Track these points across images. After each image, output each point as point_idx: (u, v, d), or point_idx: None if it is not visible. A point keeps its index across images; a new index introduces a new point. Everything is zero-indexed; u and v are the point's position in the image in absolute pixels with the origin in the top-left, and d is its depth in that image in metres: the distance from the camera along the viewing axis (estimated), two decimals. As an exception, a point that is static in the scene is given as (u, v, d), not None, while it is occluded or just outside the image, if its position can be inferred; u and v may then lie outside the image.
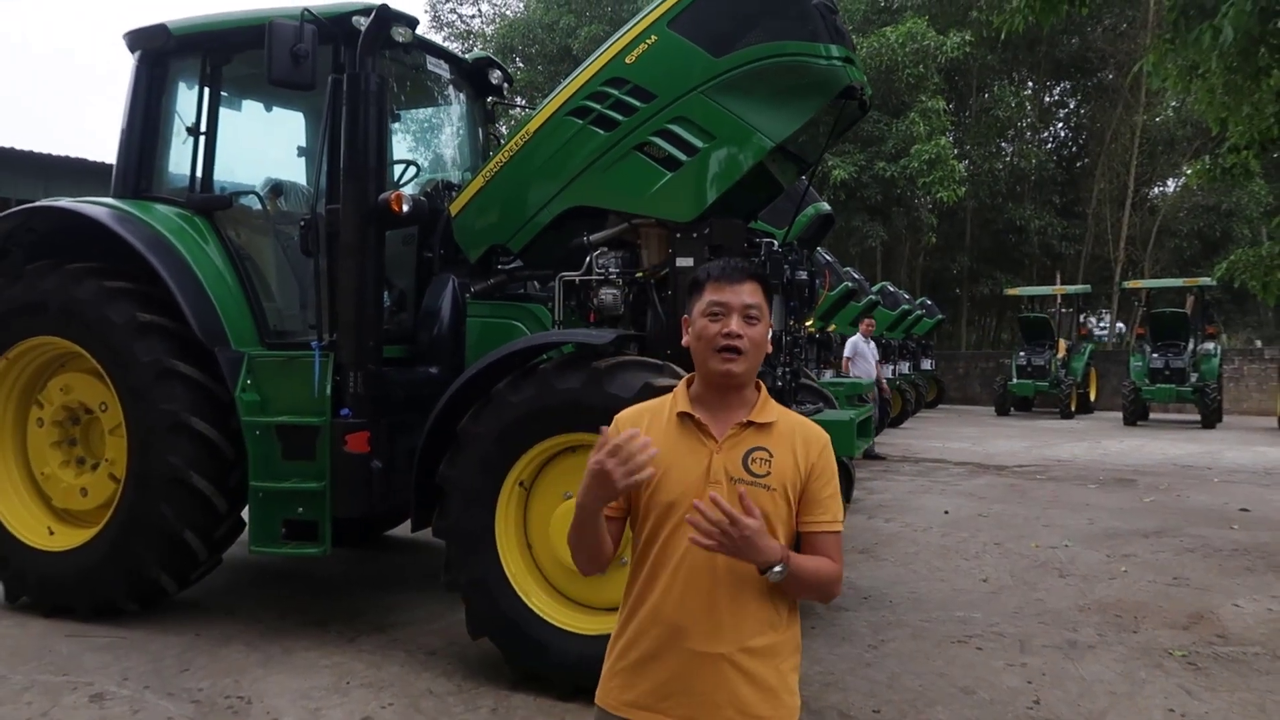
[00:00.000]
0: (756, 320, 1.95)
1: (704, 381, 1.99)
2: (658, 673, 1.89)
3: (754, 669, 1.87)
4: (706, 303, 1.95)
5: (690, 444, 1.94)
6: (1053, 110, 31.64)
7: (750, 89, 4.23)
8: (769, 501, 1.89)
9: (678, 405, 1.98)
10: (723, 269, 1.99)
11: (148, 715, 3.81)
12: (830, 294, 11.91)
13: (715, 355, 1.92)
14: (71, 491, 5.20)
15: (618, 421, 2.01)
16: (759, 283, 1.98)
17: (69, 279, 4.96)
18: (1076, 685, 4.26)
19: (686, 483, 1.89)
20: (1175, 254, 29.21)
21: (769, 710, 1.88)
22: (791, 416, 2.03)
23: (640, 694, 1.90)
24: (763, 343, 1.97)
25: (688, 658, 1.87)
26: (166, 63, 5.40)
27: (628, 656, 1.94)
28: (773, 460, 1.92)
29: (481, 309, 4.81)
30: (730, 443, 1.93)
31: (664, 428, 1.97)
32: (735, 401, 1.97)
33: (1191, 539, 7.57)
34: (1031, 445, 15.12)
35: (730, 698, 1.85)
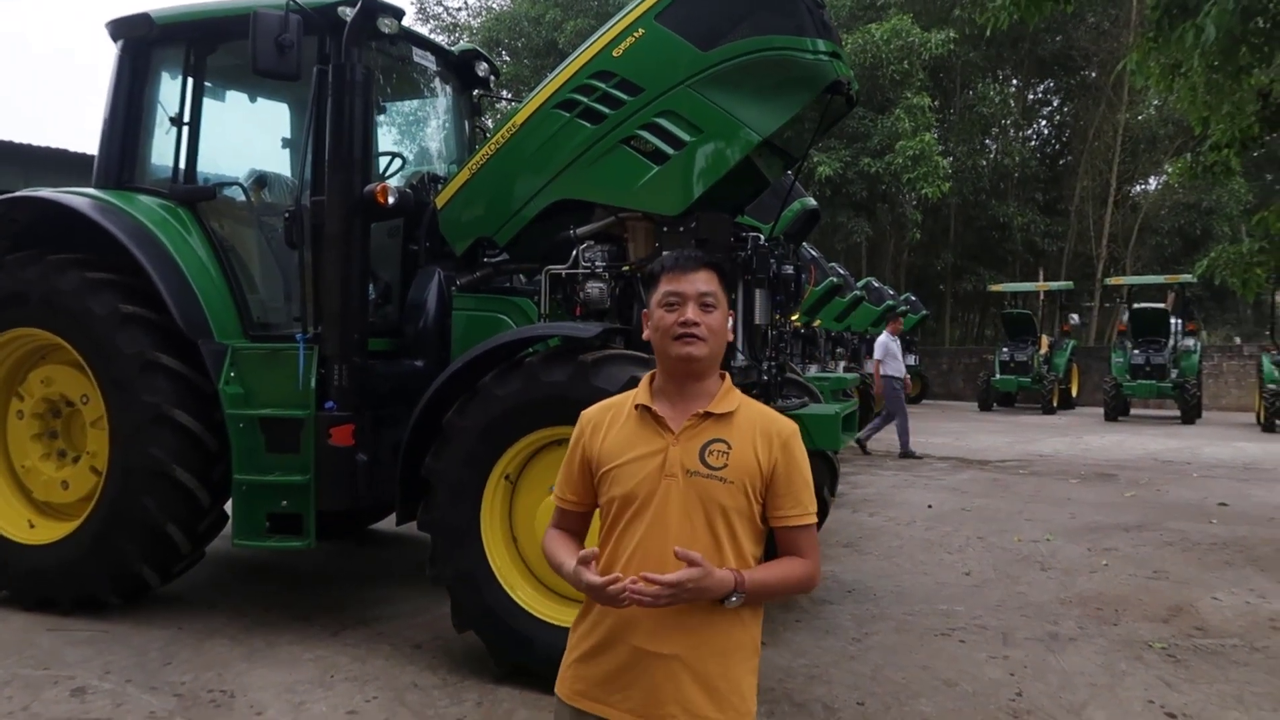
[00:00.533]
0: (713, 308, 1.94)
1: (665, 372, 1.99)
2: (607, 665, 1.89)
3: (703, 669, 1.85)
4: (663, 293, 1.95)
5: (647, 437, 1.93)
6: (1036, 108, 31.82)
7: (737, 83, 4.23)
8: (726, 495, 1.88)
9: (637, 398, 1.98)
10: (676, 259, 1.98)
11: (130, 709, 3.79)
12: (815, 289, 11.93)
13: (674, 342, 1.91)
14: (53, 484, 5.16)
15: (582, 419, 2.04)
16: (714, 271, 1.97)
17: (50, 270, 4.92)
18: (1058, 677, 4.30)
19: (641, 476, 1.89)
20: (1156, 251, 29.47)
21: (716, 713, 1.85)
22: (754, 407, 2.00)
23: (590, 685, 1.91)
24: (721, 330, 1.96)
25: (635, 653, 1.86)
26: (150, 52, 5.36)
27: (581, 647, 1.94)
28: (731, 452, 1.90)
29: (467, 302, 4.79)
30: (688, 435, 1.91)
31: (622, 421, 1.98)
32: (696, 393, 1.96)
33: (1171, 533, 7.65)
34: (1014, 440, 15.22)
35: (675, 695, 1.84)
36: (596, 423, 2.01)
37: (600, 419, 2.01)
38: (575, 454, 2.01)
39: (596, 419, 2.01)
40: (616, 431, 1.97)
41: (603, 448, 1.96)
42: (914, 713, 3.85)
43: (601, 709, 1.89)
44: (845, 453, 10.87)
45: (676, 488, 1.87)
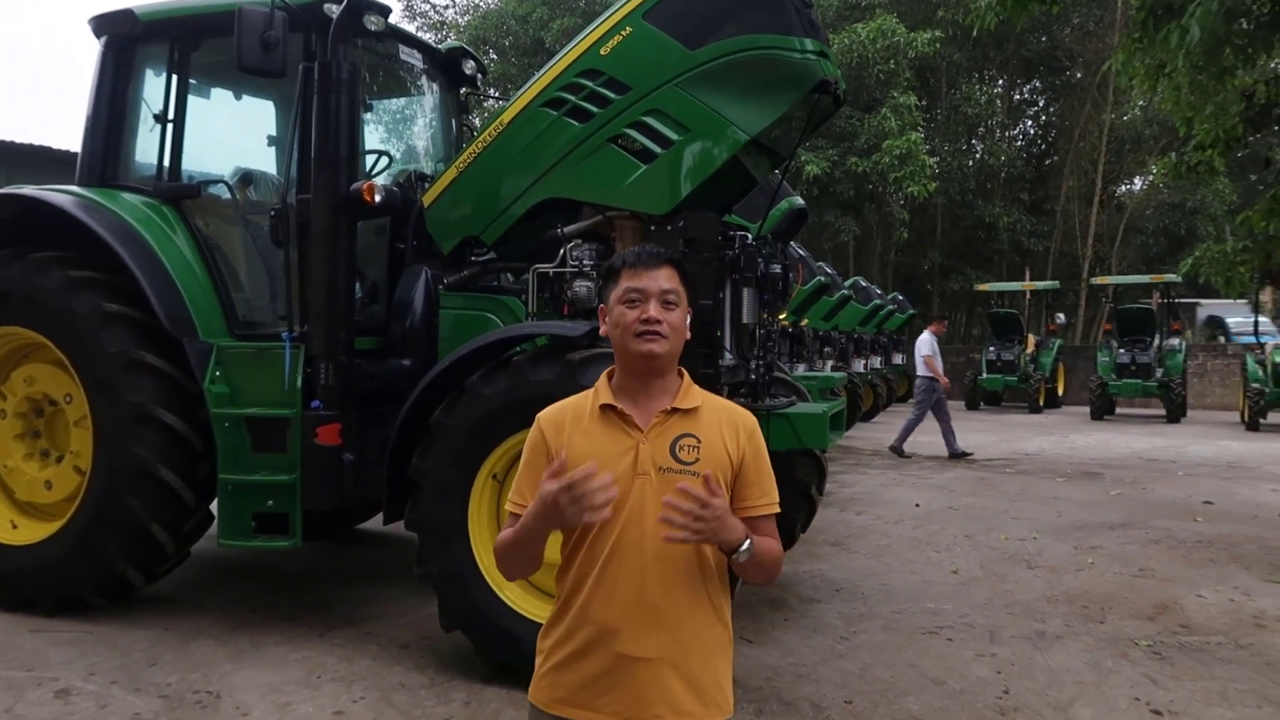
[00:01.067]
0: (674, 305, 1.92)
1: (625, 370, 1.95)
2: (588, 671, 1.86)
3: (687, 668, 1.85)
4: (623, 289, 1.92)
5: (615, 436, 1.90)
6: (1022, 108, 31.94)
7: (725, 82, 4.23)
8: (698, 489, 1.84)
9: (600, 398, 1.93)
10: (638, 255, 1.95)
11: (115, 710, 3.76)
12: (803, 288, 11.93)
13: (635, 339, 1.88)
14: (35, 484, 5.12)
15: (539, 420, 1.97)
16: (675, 268, 1.95)
17: (33, 268, 4.88)
18: (1045, 675, 4.32)
19: (614, 477, 1.82)
20: (1141, 250, 29.63)
21: (701, 708, 1.86)
22: (716, 400, 1.99)
23: (570, 691, 1.87)
24: (682, 327, 1.94)
25: (618, 658, 1.84)
26: (133, 49, 5.32)
27: (558, 654, 1.90)
28: (701, 447, 1.89)
29: (454, 301, 4.78)
30: (656, 431, 1.89)
31: (587, 423, 1.92)
32: (658, 390, 1.94)
33: (1157, 531, 7.69)
34: (1001, 439, 15.28)
35: (662, 695, 1.83)
36: (557, 424, 1.94)
37: (560, 420, 1.95)
38: (539, 457, 1.92)
39: (556, 420, 1.95)
40: (581, 433, 1.91)
41: (569, 449, 1.88)
42: (902, 711, 3.86)
43: (585, 715, 1.86)
44: (833, 452, 10.89)
45: (650, 485, 1.85)
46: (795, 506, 5.61)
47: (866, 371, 16.88)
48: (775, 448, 4.71)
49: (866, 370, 16.91)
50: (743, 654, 4.52)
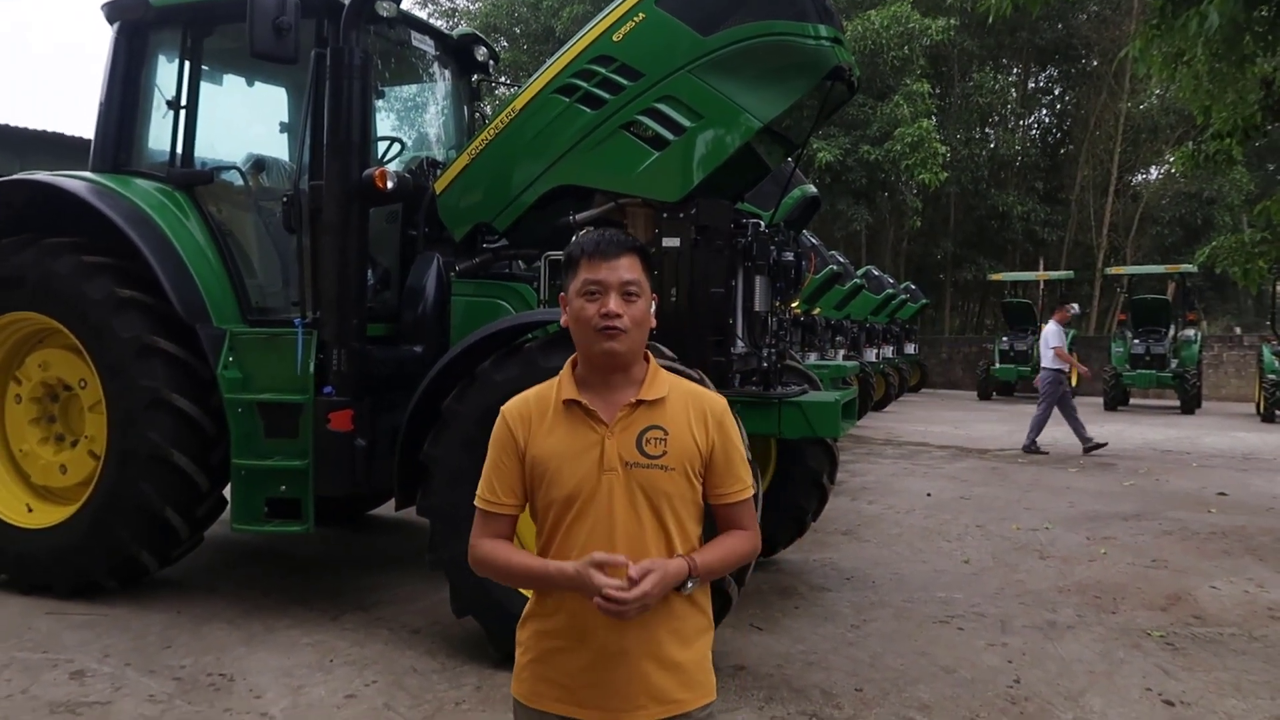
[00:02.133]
0: (636, 296, 1.83)
1: (587, 364, 1.88)
2: (569, 665, 1.84)
3: (666, 654, 1.83)
4: (582, 281, 1.83)
5: (580, 432, 1.84)
6: (1037, 96, 31.71)
7: (738, 68, 4.20)
8: (668, 482, 1.83)
9: (563, 392, 1.87)
10: (597, 243, 1.85)
11: (129, 692, 3.79)
12: (815, 277, 11.89)
13: (595, 335, 1.81)
14: (50, 468, 5.15)
15: (504, 413, 1.92)
16: (638, 255, 1.86)
17: (46, 254, 4.90)
18: (1056, 665, 4.31)
19: (581, 474, 1.82)
20: (1157, 241, 29.44)
21: (685, 693, 1.85)
22: (684, 386, 1.93)
23: (552, 685, 1.85)
24: (645, 320, 1.86)
25: (597, 653, 1.81)
26: (146, 35, 5.32)
27: (537, 648, 1.88)
28: (668, 439, 1.83)
29: (466, 288, 4.78)
30: (621, 425, 1.83)
31: (551, 418, 1.86)
32: (622, 381, 1.87)
33: (1170, 522, 7.66)
34: (1013, 429, 15.21)
35: (644, 687, 1.81)
36: (523, 417, 1.88)
37: (526, 413, 1.89)
38: (507, 451, 1.88)
39: (522, 413, 1.89)
40: (546, 428, 1.86)
41: (536, 446, 1.86)
42: (912, 699, 3.86)
43: (568, 709, 1.83)
44: (844, 441, 10.87)
45: (618, 481, 1.81)
46: (806, 495, 5.61)
47: (878, 361, 16.85)
48: (787, 436, 4.74)
49: (879, 359, 16.87)
50: (753, 641, 4.52)
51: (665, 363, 3.82)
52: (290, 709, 3.66)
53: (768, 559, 5.88)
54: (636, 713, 1.82)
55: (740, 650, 4.38)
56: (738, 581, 3.86)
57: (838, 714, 3.70)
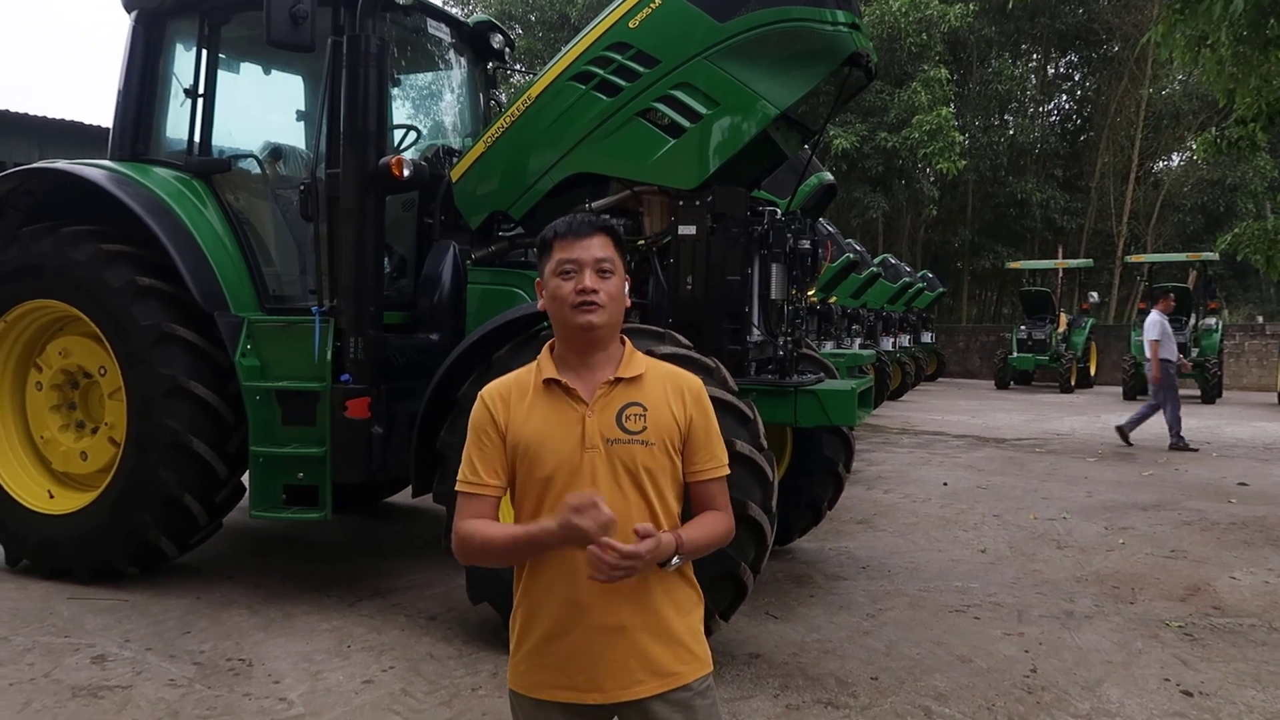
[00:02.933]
0: (610, 273, 1.88)
1: (566, 342, 1.92)
2: (565, 650, 1.84)
3: (662, 630, 1.86)
4: (556, 261, 1.88)
5: (561, 411, 1.87)
6: (1057, 83, 31.38)
7: (755, 55, 4.17)
8: (648, 457, 1.86)
9: (543, 373, 1.90)
10: (569, 225, 1.90)
11: (150, 677, 3.83)
12: (832, 265, 11.85)
13: (573, 311, 1.85)
14: (71, 455, 5.20)
15: (483, 396, 1.92)
16: (609, 235, 1.91)
17: (66, 242, 4.93)
18: (1073, 655, 4.29)
19: (563, 453, 1.84)
20: (1178, 228, 29.13)
21: (679, 665, 1.87)
22: (661, 367, 1.97)
23: (550, 673, 1.86)
24: (620, 295, 1.90)
25: (592, 632, 1.83)
26: (164, 24, 5.34)
27: (530, 636, 1.89)
28: (648, 415, 1.87)
29: (482, 276, 4.78)
30: (601, 403, 1.87)
31: (531, 399, 1.89)
32: (600, 361, 1.91)
33: (1189, 512, 7.60)
34: (1031, 419, 15.14)
35: (641, 661, 1.84)
36: (504, 399, 1.90)
37: (506, 395, 1.91)
38: (488, 432, 1.89)
39: (502, 395, 1.91)
40: (526, 409, 1.88)
41: (517, 427, 1.87)
42: (928, 688, 3.85)
43: (568, 695, 1.85)
44: (860, 430, 10.83)
45: (600, 458, 1.84)
46: (822, 484, 5.60)
47: (895, 349, 16.77)
48: (803, 424, 4.73)
49: (895, 348, 16.80)
50: (768, 630, 4.52)
51: (679, 350, 3.83)
52: (308, 694, 3.69)
53: (783, 547, 5.88)
54: (635, 688, 1.83)
55: (755, 638, 4.39)
56: (753, 569, 3.86)
57: (853, 702, 3.69)
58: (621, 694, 1.83)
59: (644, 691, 1.84)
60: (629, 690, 1.83)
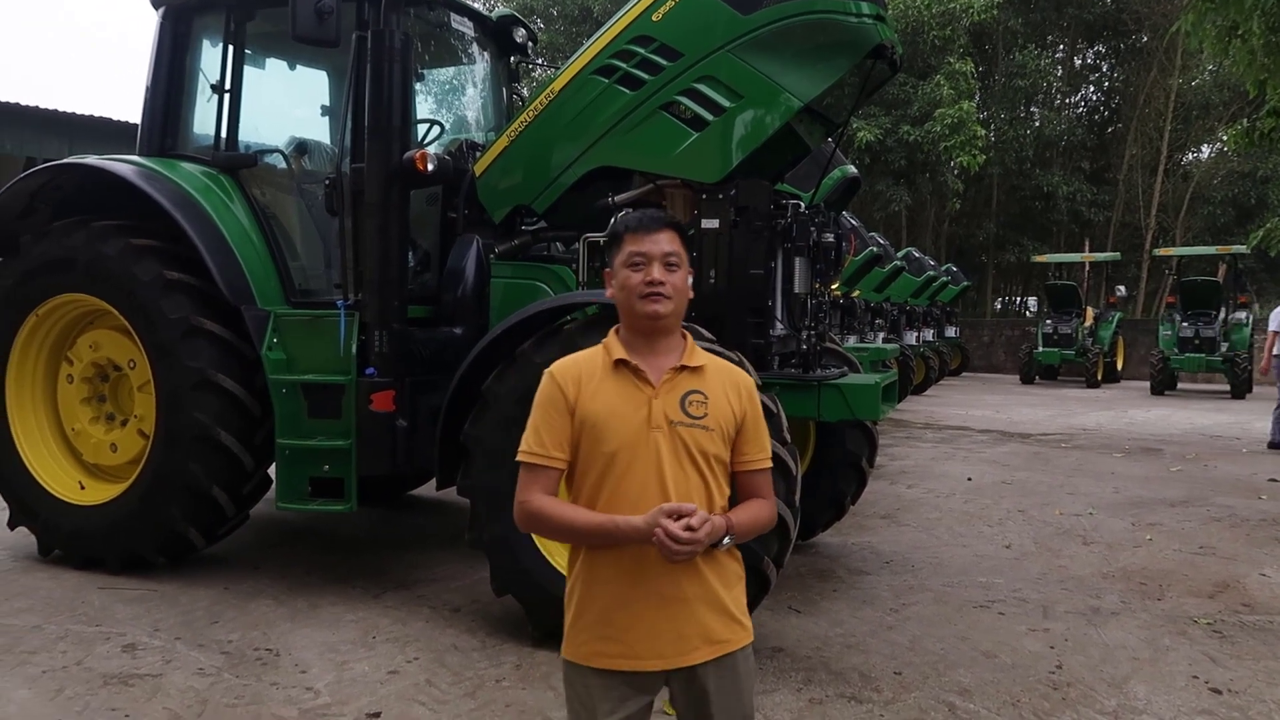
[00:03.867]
0: (676, 267, 2.01)
1: (632, 329, 2.04)
2: (625, 620, 1.95)
3: (715, 600, 1.98)
4: (627, 254, 2.01)
5: (628, 391, 1.99)
6: (1084, 74, 31.01)
7: (778, 47, 4.15)
8: (708, 441, 1.98)
9: (613, 353, 2.01)
10: (640, 220, 2.04)
11: (179, 665, 3.88)
12: (855, 259, 11.78)
13: (641, 300, 1.98)
14: (101, 447, 5.27)
15: (552, 373, 2.03)
16: (676, 231, 2.04)
17: (95, 236, 4.99)
18: (1099, 651, 4.25)
19: (629, 430, 1.95)
20: (1208, 221, 28.71)
21: (730, 634, 2.00)
22: (718, 361, 2.10)
23: (612, 643, 1.96)
24: (684, 288, 2.03)
25: (655, 602, 1.94)
26: (190, 19, 5.39)
27: (591, 609, 1.99)
28: (708, 402, 1.99)
29: (505, 270, 4.80)
30: (667, 387, 1.99)
31: (600, 377, 2.00)
32: (664, 348, 2.03)
33: (1218, 508, 7.51)
34: (1056, 414, 15.01)
35: (697, 629, 1.96)
36: (573, 378, 2.01)
37: (575, 374, 2.01)
38: (558, 410, 1.99)
39: (571, 374, 2.02)
40: (595, 387, 1.99)
41: (585, 403, 1.98)
42: (952, 683, 3.83)
43: (628, 663, 1.96)
44: (884, 424, 10.78)
45: (664, 438, 1.95)
46: (845, 478, 5.58)
47: (919, 344, 16.68)
48: (826, 418, 4.71)
49: (919, 342, 16.71)
50: (791, 624, 4.52)
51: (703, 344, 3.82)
52: (334, 684, 3.72)
53: (806, 542, 5.87)
54: (692, 654, 1.96)
55: (778, 632, 4.38)
56: (776, 564, 3.86)
57: (876, 697, 3.68)
58: (680, 660, 1.96)
59: (699, 657, 1.97)
60: (686, 656, 1.96)
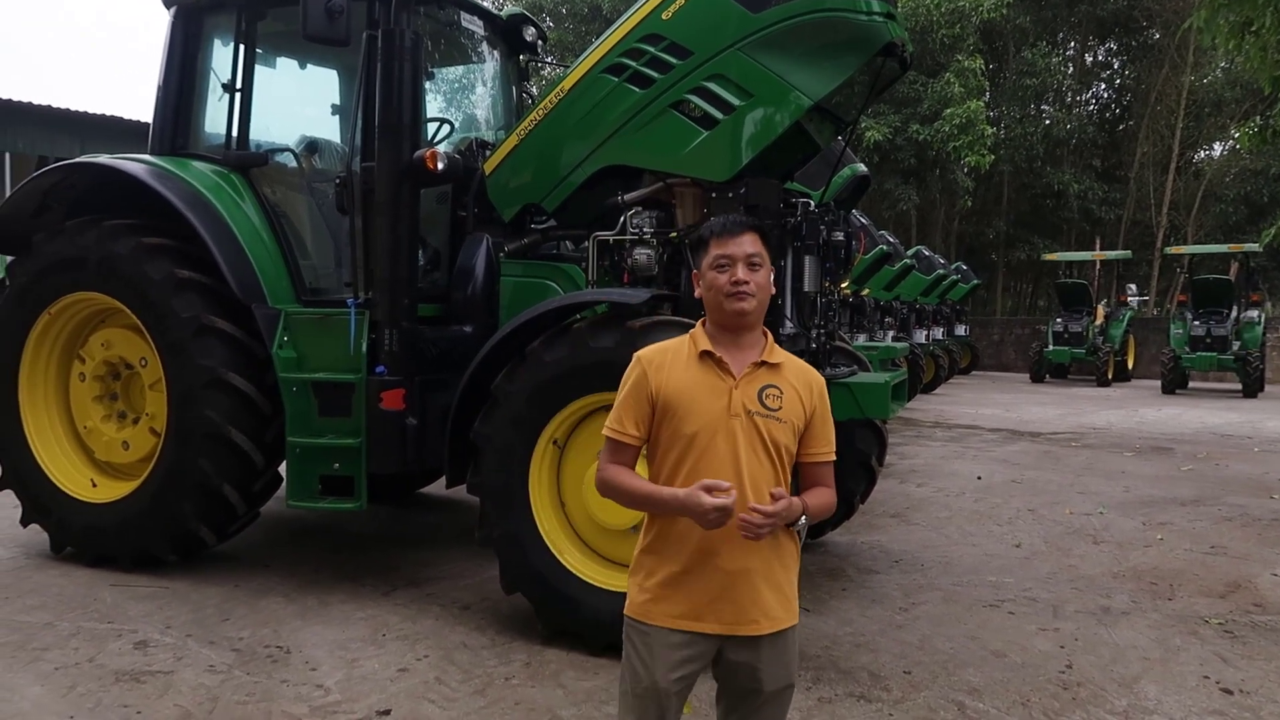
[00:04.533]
0: (759, 266, 2.17)
1: (718, 325, 2.21)
2: (693, 587, 2.13)
3: (774, 579, 2.16)
4: (713, 256, 2.17)
5: (711, 380, 2.15)
6: (1095, 71, 30.85)
7: (788, 46, 4.15)
8: (781, 432, 2.14)
9: (699, 345, 2.19)
10: (724, 225, 2.20)
11: (190, 662, 3.90)
12: (865, 257, 11.75)
13: (728, 299, 2.14)
14: (113, 445, 5.30)
15: (640, 358, 2.22)
16: (758, 233, 2.19)
17: (107, 235, 5.01)
18: (1110, 651, 4.24)
19: (709, 416, 2.12)
20: (1220, 219, 28.55)
21: (784, 613, 2.18)
22: (794, 360, 2.25)
23: (677, 605, 2.14)
24: (767, 285, 2.19)
25: (721, 575, 2.11)
26: (201, 19, 5.41)
27: (659, 574, 2.16)
28: (783, 396, 2.16)
29: (515, 268, 4.80)
30: (746, 380, 2.16)
31: (685, 364, 2.18)
32: (747, 343, 2.20)
33: (1230, 508, 7.48)
34: (1066, 412, 14.95)
35: (757, 603, 2.13)
36: (657, 364, 2.19)
37: (660, 360, 2.19)
38: (640, 391, 2.18)
39: (656, 360, 2.20)
40: (679, 374, 2.16)
41: (669, 387, 2.15)
42: (961, 683, 3.83)
43: (689, 624, 2.13)
44: (893, 423, 10.75)
45: (741, 425, 2.11)
46: (855, 477, 5.57)
47: (928, 342, 16.63)
48: (836, 417, 4.68)
49: (928, 341, 16.65)
50: (800, 622, 4.50)
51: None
52: (344, 681, 3.74)
53: (815, 540, 5.87)
54: (749, 625, 2.14)
55: (787, 631, 4.37)
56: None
57: (886, 696, 3.68)
58: (736, 629, 2.13)
59: (755, 630, 2.14)
60: (742, 626, 2.13)
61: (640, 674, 2.17)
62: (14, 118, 14.03)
